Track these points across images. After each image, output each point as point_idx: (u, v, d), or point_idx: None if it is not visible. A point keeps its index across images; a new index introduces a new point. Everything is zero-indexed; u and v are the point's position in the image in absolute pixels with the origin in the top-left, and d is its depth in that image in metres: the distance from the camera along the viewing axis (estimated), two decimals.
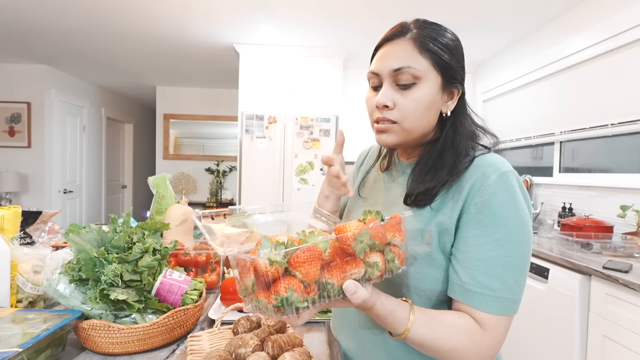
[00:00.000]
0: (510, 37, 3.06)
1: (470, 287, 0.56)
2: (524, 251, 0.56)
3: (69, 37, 3.31)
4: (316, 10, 2.70)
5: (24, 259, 0.91)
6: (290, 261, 0.44)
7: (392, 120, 0.62)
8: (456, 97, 0.65)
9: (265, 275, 0.43)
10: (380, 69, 0.63)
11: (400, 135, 0.63)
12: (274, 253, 0.44)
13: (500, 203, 0.56)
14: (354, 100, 3.74)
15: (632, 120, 2.01)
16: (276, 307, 0.43)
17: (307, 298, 0.45)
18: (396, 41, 0.63)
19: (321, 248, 0.46)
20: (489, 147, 0.65)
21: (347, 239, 0.48)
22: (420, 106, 0.61)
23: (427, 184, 0.62)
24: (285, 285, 0.43)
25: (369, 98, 0.67)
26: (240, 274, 0.47)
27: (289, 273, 0.45)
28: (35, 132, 4.21)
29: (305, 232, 0.49)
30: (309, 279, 0.45)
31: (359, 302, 0.48)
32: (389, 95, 0.61)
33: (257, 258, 0.43)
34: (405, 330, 0.52)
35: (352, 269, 0.48)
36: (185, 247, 1.20)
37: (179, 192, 5.13)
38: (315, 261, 0.45)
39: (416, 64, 0.60)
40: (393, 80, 0.62)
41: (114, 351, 0.75)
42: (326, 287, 0.47)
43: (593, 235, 1.86)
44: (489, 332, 0.55)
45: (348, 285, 0.47)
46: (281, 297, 0.43)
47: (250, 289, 0.46)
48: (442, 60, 0.61)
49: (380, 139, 0.65)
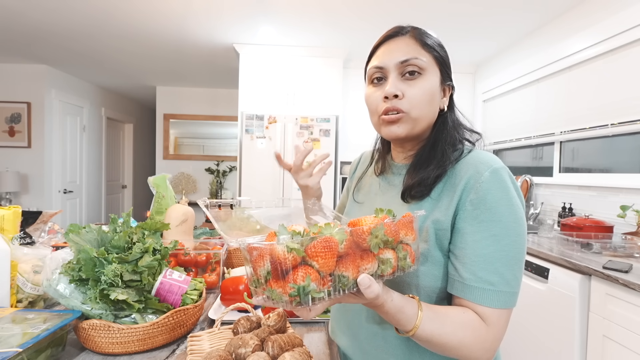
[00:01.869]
0: (510, 37, 3.06)
1: (470, 282, 0.57)
2: (520, 245, 0.58)
3: (69, 37, 3.31)
4: (316, 10, 2.70)
5: (24, 259, 0.91)
6: (307, 251, 0.44)
7: (401, 110, 0.64)
8: (448, 94, 0.69)
9: (283, 262, 0.43)
10: (386, 62, 0.65)
11: (409, 125, 0.65)
12: (292, 240, 0.43)
13: (494, 199, 0.57)
14: (354, 100, 3.74)
15: (632, 120, 2.01)
16: (291, 297, 0.43)
17: (322, 289, 0.44)
18: (398, 38, 0.66)
19: (337, 240, 0.46)
20: (473, 142, 0.69)
21: (363, 233, 0.48)
22: (427, 95, 0.64)
23: (421, 175, 0.64)
24: (303, 273, 0.43)
25: (370, 94, 0.68)
26: (253, 263, 0.46)
27: (306, 262, 0.44)
28: (35, 132, 4.21)
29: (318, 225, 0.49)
30: (326, 270, 0.44)
31: (372, 297, 0.47)
32: (398, 85, 0.64)
33: (276, 244, 0.43)
34: (414, 327, 0.53)
35: (366, 263, 0.48)
36: (185, 247, 1.20)
37: (179, 192, 5.13)
38: (332, 252, 0.45)
39: (421, 56, 0.64)
40: (399, 73, 0.64)
41: (114, 351, 0.75)
42: (341, 279, 0.46)
43: (593, 235, 1.86)
44: (491, 326, 0.56)
45: (363, 279, 0.46)
46: (298, 285, 0.42)
47: (264, 278, 0.45)
48: (439, 55, 0.66)
49: (389, 131, 0.66)
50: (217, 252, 1.22)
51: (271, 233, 0.47)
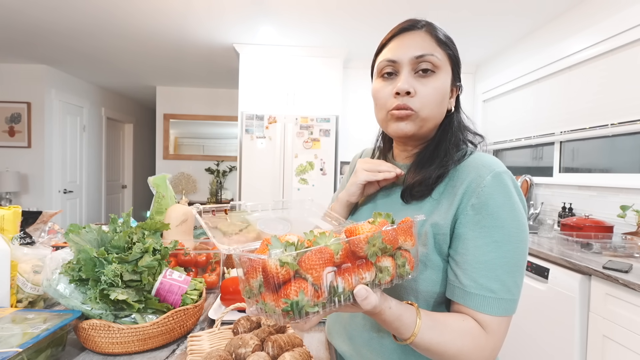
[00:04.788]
0: (510, 37, 3.06)
1: (470, 289, 0.55)
2: (522, 251, 0.56)
3: (69, 37, 3.31)
4: (316, 10, 2.70)
5: (24, 259, 0.91)
6: (300, 263, 0.42)
7: (412, 109, 0.61)
8: (455, 95, 0.67)
9: (276, 277, 0.41)
10: (399, 57, 0.62)
11: (418, 124, 0.63)
12: (285, 254, 0.41)
13: (496, 204, 0.56)
14: (354, 100, 3.74)
15: (632, 120, 2.01)
16: (285, 312, 0.41)
17: (317, 302, 0.42)
18: (413, 32, 0.63)
19: (333, 250, 0.44)
20: (476, 143, 0.68)
21: (360, 242, 0.46)
22: (439, 95, 0.62)
23: (423, 174, 0.63)
24: (296, 288, 0.41)
25: (380, 88, 0.65)
26: (246, 274, 0.44)
27: (300, 275, 0.42)
28: (35, 132, 4.21)
29: (314, 233, 0.47)
30: (320, 282, 0.43)
31: (369, 309, 0.46)
32: (411, 82, 0.61)
33: (267, 259, 0.41)
34: (412, 335, 0.51)
35: (363, 272, 0.46)
36: (185, 247, 1.20)
37: (179, 192, 5.13)
38: (327, 264, 0.43)
39: (437, 53, 0.62)
40: (412, 68, 0.62)
41: (114, 351, 0.75)
42: (337, 291, 0.44)
43: (593, 235, 1.86)
44: (491, 334, 0.55)
45: (359, 290, 0.45)
46: (291, 301, 0.41)
47: (257, 290, 0.44)
48: (453, 53, 0.64)
49: (398, 127, 0.63)
50: (217, 252, 1.22)
51: (265, 241, 0.45)
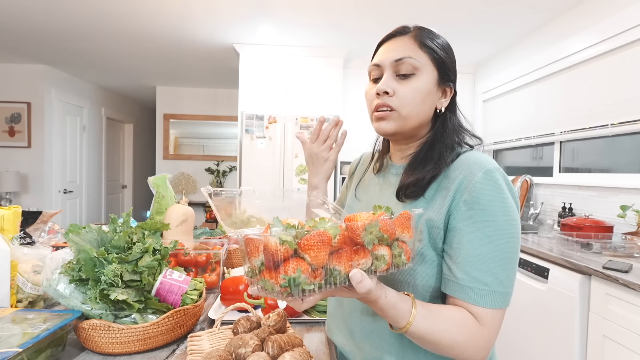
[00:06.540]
0: (510, 37, 3.06)
1: (464, 282, 0.57)
2: (513, 245, 0.58)
3: (69, 37, 3.31)
4: (316, 10, 2.70)
5: (24, 259, 0.91)
6: (300, 244, 0.45)
7: (391, 108, 0.65)
8: (449, 95, 0.69)
9: (275, 254, 0.44)
10: (382, 60, 0.68)
11: (398, 122, 0.66)
12: (285, 233, 0.45)
13: (488, 199, 0.58)
14: (354, 100, 3.74)
15: (632, 120, 2.01)
16: (283, 287, 0.44)
17: (313, 282, 0.45)
18: (398, 38, 0.68)
19: (331, 234, 0.47)
20: (473, 145, 0.70)
21: (357, 229, 0.48)
22: (418, 95, 0.65)
23: (417, 175, 0.65)
24: (294, 265, 0.44)
25: (368, 90, 0.71)
26: (248, 254, 0.48)
27: (298, 255, 0.45)
28: (35, 132, 4.21)
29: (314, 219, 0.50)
30: (317, 263, 0.46)
31: (363, 292, 0.48)
32: (390, 83, 0.66)
33: (268, 236, 0.45)
34: (407, 324, 0.53)
35: (360, 258, 0.49)
36: (185, 247, 1.20)
37: (179, 192, 5.13)
38: (325, 246, 0.46)
39: (416, 55, 0.65)
40: (394, 71, 0.66)
41: (114, 351, 0.75)
42: (333, 273, 0.47)
43: (593, 235, 1.86)
44: (485, 326, 0.57)
45: (354, 273, 0.47)
46: (289, 277, 0.44)
47: (258, 269, 0.47)
48: (438, 56, 0.66)
49: (379, 127, 0.68)
50: (217, 252, 1.22)
51: (268, 226, 0.48)
